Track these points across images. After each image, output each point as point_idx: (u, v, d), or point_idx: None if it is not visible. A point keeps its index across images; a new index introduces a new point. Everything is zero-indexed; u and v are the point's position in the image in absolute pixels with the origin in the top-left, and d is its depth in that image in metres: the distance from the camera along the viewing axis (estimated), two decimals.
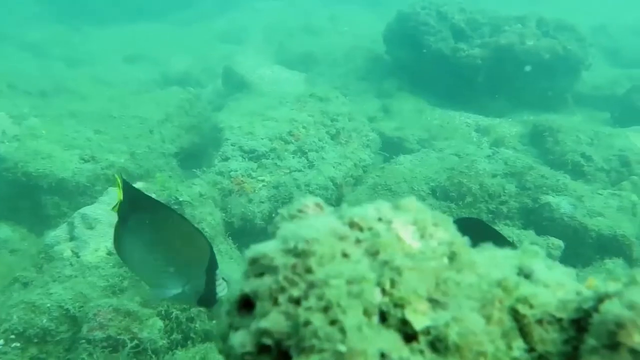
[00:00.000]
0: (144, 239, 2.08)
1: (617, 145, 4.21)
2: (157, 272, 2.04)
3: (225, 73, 6.17)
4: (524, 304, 0.70)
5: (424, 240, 0.80)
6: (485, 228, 2.00)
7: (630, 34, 8.60)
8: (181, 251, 2.02)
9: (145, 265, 2.09)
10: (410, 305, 0.67)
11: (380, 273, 0.69)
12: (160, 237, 2.05)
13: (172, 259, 2.03)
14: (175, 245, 2.04)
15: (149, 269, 2.08)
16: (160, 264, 2.03)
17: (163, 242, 2.06)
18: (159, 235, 2.06)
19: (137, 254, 2.09)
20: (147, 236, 2.08)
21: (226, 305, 0.69)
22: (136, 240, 2.09)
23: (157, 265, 2.03)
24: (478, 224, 2.02)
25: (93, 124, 4.16)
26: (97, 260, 2.84)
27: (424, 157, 4.07)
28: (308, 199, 0.83)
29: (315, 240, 0.69)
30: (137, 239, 2.09)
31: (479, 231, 1.99)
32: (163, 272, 2.02)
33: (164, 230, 2.06)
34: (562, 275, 0.79)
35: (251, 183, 3.60)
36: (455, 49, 5.44)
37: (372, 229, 0.77)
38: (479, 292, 0.72)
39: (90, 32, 9.16)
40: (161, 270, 2.02)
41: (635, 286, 0.65)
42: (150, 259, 2.06)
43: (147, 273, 2.12)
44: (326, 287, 0.64)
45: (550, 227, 3.36)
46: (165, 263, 2.03)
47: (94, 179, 3.67)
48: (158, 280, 2.05)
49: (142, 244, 2.08)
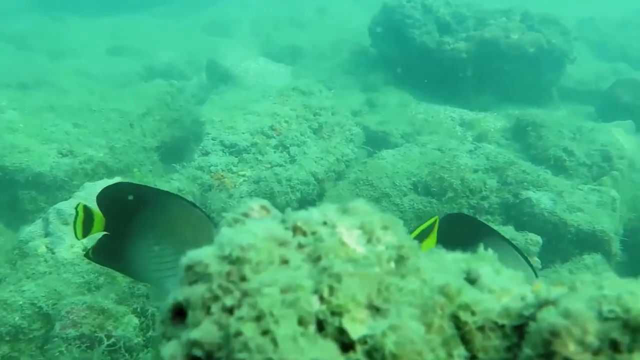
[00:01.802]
0: (158, 236, 1.92)
1: (600, 140, 4.23)
2: (171, 268, 1.89)
3: (209, 66, 6.11)
4: (465, 311, 0.69)
5: (370, 245, 0.78)
6: (476, 224, 1.99)
7: (618, 28, 8.64)
8: (194, 238, 1.87)
9: (162, 265, 1.94)
10: (348, 314, 0.66)
11: (319, 280, 0.68)
12: (173, 229, 1.91)
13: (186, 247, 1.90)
14: (187, 234, 1.89)
15: (165, 267, 1.95)
16: (174, 258, 1.88)
17: (176, 234, 1.90)
18: (172, 227, 1.91)
19: (151, 256, 1.95)
20: (161, 232, 1.93)
21: (160, 314, 0.67)
22: (148, 243, 1.94)
23: (173, 260, 1.89)
24: (467, 220, 2.01)
25: (72, 117, 4.10)
26: (73, 257, 2.81)
27: (407, 151, 4.05)
28: (254, 202, 0.81)
29: (251, 247, 0.67)
30: (148, 241, 1.94)
31: (469, 226, 1.97)
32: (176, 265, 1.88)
33: (176, 220, 1.92)
34: (509, 279, 0.77)
35: (232, 178, 3.57)
36: (440, 42, 5.42)
37: (316, 233, 0.75)
38: (421, 298, 0.70)
39: (73, 23, 9.02)
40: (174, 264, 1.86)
41: (573, 293, 0.64)
42: (167, 254, 1.92)
43: (163, 272, 1.95)
44: (259, 296, 0.62)
45: (531, 222, 3.36)
46: (178, 254, 1.87)
47: (72, 174, 3.61)
48: (173, 275, 1.91)
49: (155, 243, 1.93)
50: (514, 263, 1.76)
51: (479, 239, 1.87)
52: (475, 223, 1.96)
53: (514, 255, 1.80)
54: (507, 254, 1.79)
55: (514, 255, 1.80)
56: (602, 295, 0.60)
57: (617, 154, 4.07)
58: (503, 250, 1.80)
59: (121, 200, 1.97)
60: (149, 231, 1.95)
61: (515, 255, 1.80)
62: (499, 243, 1.83)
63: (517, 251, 1.83)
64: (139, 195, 1.99)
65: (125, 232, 1.98)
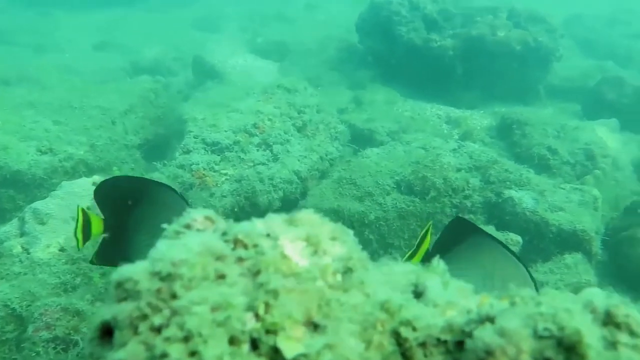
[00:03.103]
0: (151, 230, 1.89)
1: (583, 138, 4.23)
2: None
3: (195, 62, 6.05)
4: (406, 327, 0.67)
5: (316, 257, 0.76)
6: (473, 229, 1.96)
7: (605, 25, 8.65)
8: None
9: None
10: (283, 332, 0.64)
11: (254, 296, 0.65)
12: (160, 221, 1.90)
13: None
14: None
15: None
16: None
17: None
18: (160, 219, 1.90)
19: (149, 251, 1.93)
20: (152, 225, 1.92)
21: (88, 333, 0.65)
22: (143, 237, 1.92)
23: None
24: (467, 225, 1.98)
25: (52, 114, 4.04)
26: (49, 257, 2.77)
27: (391, 150, 4.03)
28: (197, 213, 0.79)
29: (183, 262, 0.64)
30: (143, 236, 1.92)
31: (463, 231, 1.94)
32: None
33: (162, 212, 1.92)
34: (457, 292, 0.76)
35: (213, 177, 3.53)
36: (427, 39, 5.40)
37: (257, 246, 0.72)
38: (362, 314, 0.68)
39: (59, 18, 8.91)
40: None
41: (512, 309, 0.62)
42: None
43: None
44: (188, 315, 0.60)
45: (513, 221, 3.36)
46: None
47: (52, 172, 3.57)
48: None
49: (149, 237, 1.90)
50: (512, 270, 1.75)
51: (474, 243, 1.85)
52: (469, 227, 1.93)
53: (512, 262, 1.78)
54: (504, 260, 1.77)
55: (512, 262, 1.78)
56: (539, 313, 0.58)
57: (600, 153, 4.08)
58: (498, 255, 1.79)
59: (119, 196, 1.95)
60: (143, 225, 1.93)
61: (515, 263, 1.77)
62: (494, 247, 1.81)
63: (516, 258, 1.79)
64: (135, 189, 1.97)
65: (124, 229, 1.95)
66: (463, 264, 1.80)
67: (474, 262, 1.81)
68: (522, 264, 1.76)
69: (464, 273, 1.81)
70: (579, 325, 0.56)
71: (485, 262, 1.78)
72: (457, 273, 1.84)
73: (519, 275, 1.73)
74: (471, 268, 1.79)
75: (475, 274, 1.75)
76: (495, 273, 1.75)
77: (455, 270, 1.85)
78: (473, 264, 1.80)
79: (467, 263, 1.81)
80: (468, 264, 1.80)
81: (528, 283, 1.71)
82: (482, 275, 1.75)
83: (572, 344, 0.55)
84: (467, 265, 1.80)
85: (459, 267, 1.79)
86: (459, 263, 1.79)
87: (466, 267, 1.79)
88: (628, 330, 0.57)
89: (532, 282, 1.73)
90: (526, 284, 1.70)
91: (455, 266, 1.84)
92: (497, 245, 1.81)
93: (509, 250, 1.81)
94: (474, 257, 1.81)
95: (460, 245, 1.86)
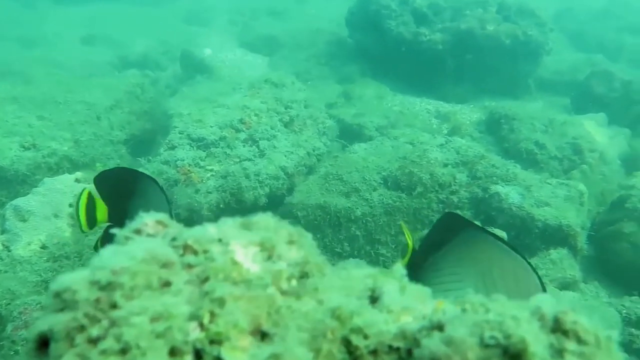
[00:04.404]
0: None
1: (571, 133, 4.22)
2: None
3: (183, 57, 5.99)
4: (357, 334, 0.65)
5: (270, 263, 0.74)
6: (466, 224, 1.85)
7: (596, 18, 8.64)
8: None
9: None
10: (228, 342, 0.62)
11: (199, 305, 0.63)
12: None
13: None
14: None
15: None
16: None
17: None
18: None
19: None
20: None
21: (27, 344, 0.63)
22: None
23: None
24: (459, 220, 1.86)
25: (36, 109, 3.99)
26: (30, 255, 2.74)
27: (379, 145, 4.01)
28: (149, 217, 0.77)
29: (125, 270, 0.62)
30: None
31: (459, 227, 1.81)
32: None
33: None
34: (414, 297, 0.74)
35: (199, 173, 3.50)
36: (416, 33, 5.37)
37: (208, 252, 0.70)
38: (313, 322, 0.66)
39: (47, 10, 8.80)
40: None
41: (461, 317, 0.60)
42: None
43: None
44: (126, 326, 0.58)
45: (499, 217, 3.35)
46: None
47: (35, 168, 3.53)
48: None
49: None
50: (512, 264, 1.61)
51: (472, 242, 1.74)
52: (460, 222, 1.81)
53: (511, 256, 1.64)
54: (501, 254, 1.64)
55: (511, 256, 1.64)
56: (486, 320, 0.57)
57: (588, 147, 4.08)
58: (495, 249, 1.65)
59: (120, 186, 1.95)
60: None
61: (514, 256, 1.64)
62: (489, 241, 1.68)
63: (514, 251, 1.66)
64: (132, 181, 1.97)
65: (124, 218, 1.95)
66: (457, 262, 1.71)
67: (469, 259, 1.69)
68: (521, 256, 1.63)
69: (459, 271, 1.75)
70: (525, 333, 0.54)
71: (482, 258, 1.65)
72: (452, 271, 1.76)
73: (519, 268, 1.61)
74: (466, 265, 1.68)
75: (472, 272, 1.66)
76: (494, 269, 1.62)
77: (449, 269, 1.77)
78: (468, 261, 1.69)
79: (462, 260, 1.70)
80: (462, 261, 1.70)
81: (531, 275, 1.60)
82: (480, 272, 1.64)
83: (518, 352, 0.54)
84: (462, 263, 1.70)
85: (452, 265, 1.72)
86: (452, 261, 1.72)
87: (460, 264, 1.70)
88: (575, 337, 0.55)
89: (534, 274, 1.61)
90: (529, 277, 1.59)
91: (448, 264, 1.77)
92: (492, 238, 1.68)
93: (505, 243, 1.68)
94: (468, 254, 1.69)
95: (452, 242, 1.75)
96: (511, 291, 1.58)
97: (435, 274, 1.77)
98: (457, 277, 1.72)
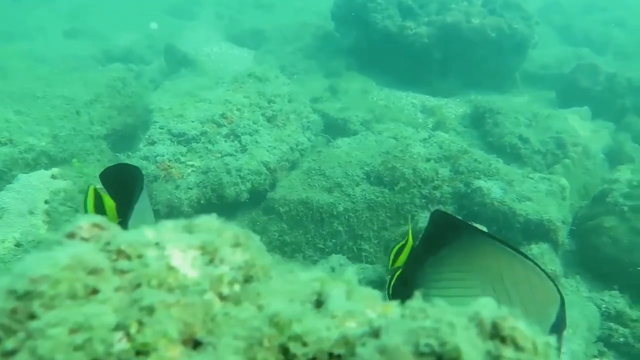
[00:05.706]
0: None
1: (555, 127, 4.22)
2: None
3: (167, 50, 5.92)
4: (295, 342, 0.62)
5: (210, 267, 0.70)
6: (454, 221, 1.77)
7: (583, 11, 8.65)
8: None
9: None
10: (155, 352, 0.59)
11: (126, 314, 0.60)
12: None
13: None
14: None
15: None
16: None
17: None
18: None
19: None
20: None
21: None
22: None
23: None
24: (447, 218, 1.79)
25: (14, 104, 3.92)
26: (3, 253, 2.69)
27: (363, 140, 3.99)
28: (84, 220, 0.73)
29: (45, 278, 0.59)
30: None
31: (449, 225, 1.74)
32: None
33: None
34: (361, 302, 0.71)
35: (179, 168, 3.46)
36: (402, 27, 5.34)
37: (142, 257, 0.67)
38: (249, 329, 0.63)
39: (29, 3, 8.66)
40: None
41: (396, 323, 0.58)
42: None
43: None
44: (41, 338, 0.55)
45: (481, 212, 3.34)
46: None
47: (11, 164, 3.45)
48: None
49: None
50: (522, 270, 1.51)
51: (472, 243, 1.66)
52: (455, 223, 1.74)
53: (519, 261, 1.54)
54: (509, 260, 1.53)
55: (519, 261, 1.54)
56: (422, 327, 0.54)
57: (571, 141, 4.07)
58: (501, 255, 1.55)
59: (126, 181, 1.92)
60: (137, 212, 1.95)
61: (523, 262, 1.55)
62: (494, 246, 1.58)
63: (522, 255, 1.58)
64: (136, 176, 1.96)
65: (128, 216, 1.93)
66: (460, 267, 1.62)
67: (475, 264, 1.59)
68: (531, 261, 1.54)
69: (465, 277, 1.65)
70: (460, 340, 0.52)
71: (488, 265, 1.55)
72: (456, 276, 1.68)
73: (532, 274, 1.51)
74: (473, 271, 1.59)
75: (480, 279, 1.56)
76: (505, 277, 1.52)
77: (451, 273, 1.69)
78: (474, 266, 1.59)
79: (466, 266, 1.60)
80: (467, 266, 1.60)
81: (546, 282, 1.50)
82: (489, 279, 1.54)
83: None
84: (467, 268, 1.60)
85: (455, 270, 1.64)
86: (455, 266, 1.63)
87: (466, 269, 1.60)
88: (513, 343, 0.53)
89: (549, 280, 1.51)
90: (544, 284, 1.50)
91: (450, 269, 1.68)
92: (496, 243, 1.58)
93: (511, 247, 1.57)
94: (472, 259, 1.60)
95: (451, 245, 1.65)
96: (527, 301, 1.50)
97: (436, 277, 1.69)
98: (462, 284, 1.63)
